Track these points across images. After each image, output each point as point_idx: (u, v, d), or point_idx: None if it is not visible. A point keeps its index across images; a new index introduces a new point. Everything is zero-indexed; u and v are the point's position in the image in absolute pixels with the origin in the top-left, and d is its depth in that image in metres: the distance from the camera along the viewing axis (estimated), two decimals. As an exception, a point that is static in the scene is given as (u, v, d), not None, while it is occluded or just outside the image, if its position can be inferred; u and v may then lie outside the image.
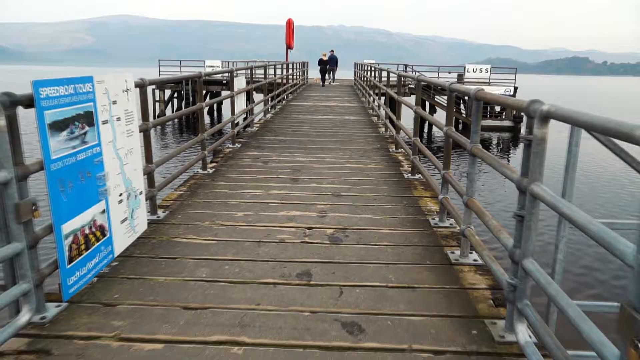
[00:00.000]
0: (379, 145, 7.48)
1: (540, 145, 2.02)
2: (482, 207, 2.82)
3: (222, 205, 4.30)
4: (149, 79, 3.78)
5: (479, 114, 2.95)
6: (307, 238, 3.54)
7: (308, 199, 4.51)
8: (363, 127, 9.67)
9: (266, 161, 6.13)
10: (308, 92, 19.20)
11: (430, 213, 4.17)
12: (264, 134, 8.34)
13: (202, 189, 4.82)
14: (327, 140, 7.81)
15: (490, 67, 28.25)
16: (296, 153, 6.69)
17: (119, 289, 2.74)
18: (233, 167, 5.76)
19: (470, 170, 3.01)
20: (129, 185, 3.34)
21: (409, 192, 4.84)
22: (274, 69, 12.24)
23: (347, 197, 4.59)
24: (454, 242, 3.50)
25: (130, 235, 3.37)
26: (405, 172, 5.61)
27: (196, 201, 4.41)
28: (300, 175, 5.40)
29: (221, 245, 3.38)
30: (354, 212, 4.17)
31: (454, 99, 3.71)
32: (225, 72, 6.61)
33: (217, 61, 31.17)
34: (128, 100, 3.34)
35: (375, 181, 5.22)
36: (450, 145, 3.73)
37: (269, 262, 3.12)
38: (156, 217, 3.94)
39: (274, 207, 4.26)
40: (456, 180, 3.49)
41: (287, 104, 14.06)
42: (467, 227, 3.08)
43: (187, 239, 3.50)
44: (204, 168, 5.51)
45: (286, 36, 23.85)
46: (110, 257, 3.07)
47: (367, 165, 6.04)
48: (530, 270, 2.07)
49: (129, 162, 3.33)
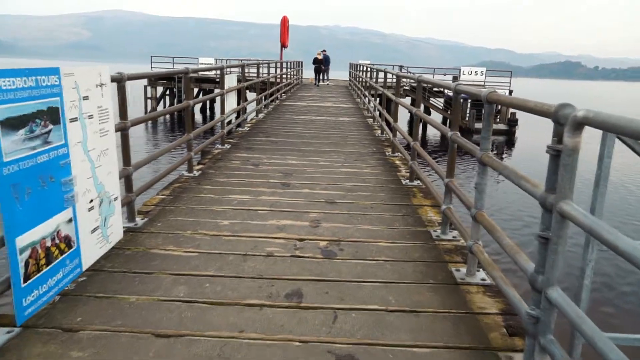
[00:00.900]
0: (375, 149, 7.18)
1: (572, 156, 1.72)
2: (493, 222, 2.53)
3: (206, 212, 3.98)
4: (129, 73, 3.45)
5: (491, 118, 2.66)
6: (298, 251, 3.23)
7: (300, 207, 4.19)
8: (358, 128, 9.37)
9: (256, 164, 5.81)
10: (302, 92, 18.88)
11: (432, 224, 3.87)
12: (256, 135, 8.02)
13: (187, 193, 4.49)
14: (321, 143, 7.50)
15: (485, 70, 28.10)
16: (288, 155, 6.37)
17: (84, 310, 2.41)
18: (221, 170, 5.44)
19: (480, 180, 2.72)
20: (101, 191, 3.01)
21: (408, 200, 4.54)
22: (267, 68, 11.91)
23: (342, 205, 4.28)
24: (459, 258, 3.20)
25: (103, 245, 3.04)
26: (403, 178, 5.32)
27: (179, 207, 4.09)
28: (292, 180, 5.09)
29: (203, 259, 3.06)
30: (349, 222, 3.87)
31: (460, 101, 3.41)
32: (215, 69, 6.28)
33: (210, 58, 30.87)
34: (102, 96, 3.01)
35: (371, 187, 4.92)
36: (455, 152, 3.44)
37: (256, 280, 2.80)
38: (134, 224, 3.61)
39: (263, 215, 3.95)
40: (462, 191, 3.19)
41: (281, 104, 13.73)
42: (475, 243, 2.78)
43: (165, 251, 3.18)
44: (189, 170, 5.19)
45: (281, 34, 23.52)
46: (78, 271, 2.74)
47: (363, 169, 5.74)
48: (558, 302, 1.77)
49: (102, 165, 3.00)
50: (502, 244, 2.31)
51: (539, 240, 1.90)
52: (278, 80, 14.63)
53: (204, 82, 26.33)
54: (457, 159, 3.78)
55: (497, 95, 2.50)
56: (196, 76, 26.54)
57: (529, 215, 9.86)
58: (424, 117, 4.59)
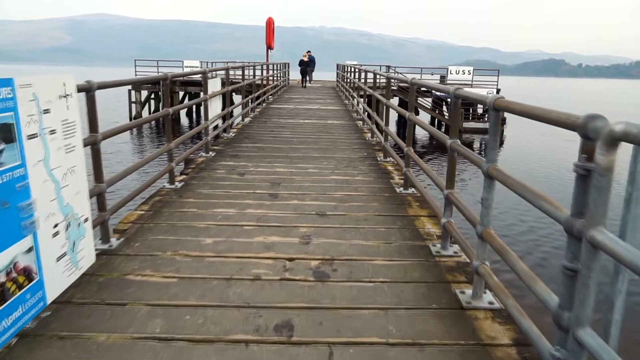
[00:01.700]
0: (366, 153, 6.93)
1: (605, 177, 1.48)
2: (504, 244, 2.28)
3: (188, 229, 3.69)
4: (99, 81, 3.15)
5: (497, 127, 2.41)
6: (287, 273, 2.96)
7: (289, 220, 3.92)
8: (347, 132, 9.12)
9: (242, 173, 5.52)
10: (289, 94, 18.60)
11: (430, 237, 3.62)
12: (241, 141, 7.72)
13: (168, 207, 4.20)
14: (310, 148, 7.23)
15: (472, 69, 28.09)
16: (276, 163, 6.10)
17: (44, 355, 2.12)
18: (205, 180, 5.14)
19: (487, 195, 2.47)
20: (68, 213, 2.72)
21: (403, 210, 4.29)
22: (253, 70, 11.62)
23: (334, 218, 4.02)
24: (463, 277, 2.95)
25: (71, 273, 2.74)
26: (397, 186, 5.07)
27: (159, 224, 3.79)
28: (280, 190, 4.81)
29: (183, 285, 2.78)
30: (341, 236, 3.60)
31: (460, 106, 3.17)
32: (197, 73, 5.98)
33: (195, 61, 30.50)
34: (68, 108, 2.72)
35: (364, 197, 4.66)
36: (455, 162, 3.19)
37: (241, 309, 2.53)
38: (108, 246, 3.31)
39: (249, 231, 3.67)
40: (465, 204, 2.94)
41: (267, 107, 13.44)
42: (482, 263, 2.54)
43: (142, 276, 2.88)
44: (171, 182, 4.88)
45: (266, 36, 23.21)
46: (41, 305, 2.44)
47: (354, 177, 5.48)
48: (591, 346, 1.53)
49: (69, 184, 2.70)
50: (516, 269, 2.06)
51: (566, 273, 1.65)
52: (264, 82, 14.33)
53: (189, 85, 25.89)
54: (439, 155, 3.55)
55: (506, 102, 2.26)
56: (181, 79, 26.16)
57: (544, 231, 8.80)
58: (419, 122, 4.34)
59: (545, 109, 1.89)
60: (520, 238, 8.78)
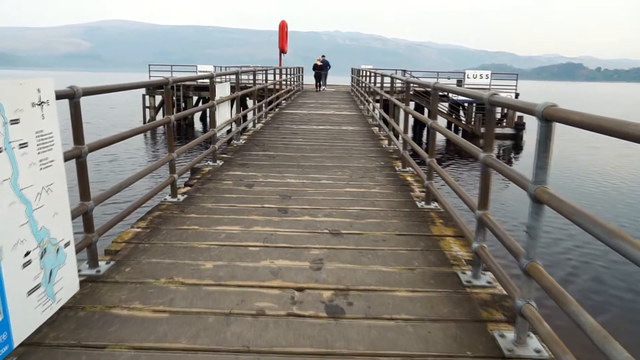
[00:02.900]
0: (383, 162, 6.52)
1: None
2: (557, 285, 1.86)
3: (187, 250, 3.32)
4: (84, 87, 2.80)
5: (549, 142, 2.00)
6: (295, 307, 2.57)
7: (299, 240, 3.53)
8: (363, 139, 8.71)
9: (251, 184, 5.14)
10: (303, 99, 18.25)
11: (458, 262, 3.20)
12: (251, 148, 7.36)
13: (167, 224, 3.84)
14: (323, 156, 6.84)
15: (490, 73, 27.44)
16: (287, 173, 5.71)
17: (-3, 418, 1.75)
18: (210, 193, 4.78)
19: (534, 223, 2.05)
20: (44, 238, 2.36)
21: (426, 228, 3.87)
22: (265, 75, 11.29)
23: (349, 238, 3.62)
24: (500, 314, 2.53)
25: (47, 308, 2.38)
26: (418, 200, 4.65)
27: (155, 244, 3.43)
28: (291, 204, 4.43)
29: (175, 322, 2.40)
30: (357, 260, 3.20)
31: (494, 115, 2.75)
32: (202, 77, 5.64)
33: (209, 66, 30.39)
34: (43, 118, 2.36)
35: (382, 213, 4.25)
36: (490, 178, 2.77)
37: (240, 355, 2.14)
38: (95, 271, 2.95)
39: (254, 253, 3.28)
40: (504, 229, 2.52)
41: (280, 112, 13.10)
42: (527, 303, 2.11)
43: (129, 310, 2.51)
44: (173, 195, 4.53)
45: (279, 39, 22.93)
46: (6, 349, 2.09)
47: (371, 189, 5.07)
48: None
49: (44, 205, 2.35)
50: (580, 322, 1.64)
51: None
52: (277, 87, 14.00)
53: (203, 90, 25.73)
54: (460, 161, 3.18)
55: (561, 112, 1.83)
56: (195, 84, 26.02)
57: (604, 266, 7.26)
58: (443, 131, 3.92)
59: (618, 121, 1.47)
60: (567, 269, 7.32)
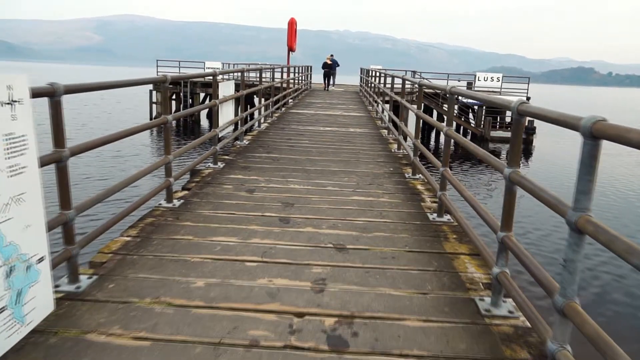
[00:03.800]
0: (392, 168, 6.22)
1: None
2: (605, 334, 1.56)
3: (178, 264, 3.04)
4: (67, 84, 2.53)
5: (594, 162, 1.70)
6: (294, 337, 2.28)
7: (300, 256, 3.24)
8: (371, 142, 8.41)
9: (252, 189, 4.86)
10: (310, 99, 17.96)
11: (475, 286, 2.90)
12: (255, 150, 7.08)
13: (159, 232, 3.56)
14: (329, 160, 6.55)
15: (502, 75, 27.04)
16: (291, 178, 5.43)
17: None
18: (208, 198, 4.50)
19: (574, 255, 1.75)
20: (12, 254, 2.09)
21: (439, 244, 3.57)
22: (272, 73, 11.00)
23: (355, 254, 3.32)
24: (525, 353, 2.23)
25: (13, 333, 2.11)
26: (430, 211, 4.35)
27: (144, 256, 3.15)
28: (293, 213, 4.14)
29: (156, 353, 2.12)
30: (364, 281, 2.91)
31: (522, 126, 2.45)
32: (204, 75, 5.36)
33: (217, 63, 30.25)
34: (14, 119, 2.10)
35: (391, 225, 3.95)
36: (514, 197, 2.47)
37: (227, 398, 1.86)
38: (75, 287, 2.68)
39: (251, 270, 3.00)
40: (533, 258, 2.22)
41: (287, 112, 12.82)
42: (561, 347, 1.82)
43: (106, 336, 2.24)
44: (168, 200, 4.26)
45: (288, 37, 22.62)
46: (-41, 384, 1.82)
47: (379, 198, 4.77)
48: None
49: (13, 217, 2.08)
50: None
51: None
52: (284, 85, 13.72)
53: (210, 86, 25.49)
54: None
55: (614, 129, 1.53)
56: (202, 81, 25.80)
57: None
58: (460, 140, 3.62)
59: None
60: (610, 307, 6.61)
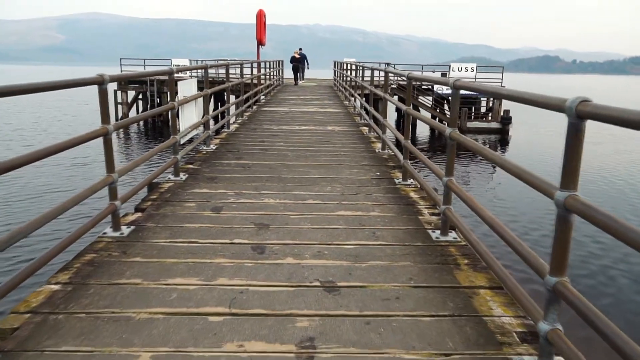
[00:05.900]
0: (379, 173, 5.53)
1: None
2: None
3: (118, 327, 2.28)
4: None
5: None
6: None
7: (280, 302, 2.52)
8: (352, 141, 7.71)
9: (219, 207, 4.11)
10: (283, 95, 17.17)
11: (509, 339, 2.22)
12: (223, 156, 6.30)
13: (98, 276, 2.79)
14: (308, 165, 5.83)
15: (476, 65, 26.77)
16: (264, 190, 4.69)
17: None
18: (165, 222, 3.73)
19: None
20: None
21: (450, 274, 2.89)
22: (241, 69, 10.21)
23: (349, 295, 2.62)
24: None
25: None
26: (431, 227, 3.67)
27: (74, 314, 2.38)
28: (269, 238, 3.41)
29: None
30: (366, 339, 2.20)
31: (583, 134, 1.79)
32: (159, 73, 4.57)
33: (184, 60, 29.48)
34: None
35: (388, 250, 3.26)
36: (570, 228, 1.80)
37: None
38: (-36, 377, 1.91)
39: (215, 328, 2.26)
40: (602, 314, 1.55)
41: (259, 110, 12.02)
42: None
43: None
44: (115, 227, 3.47)
45: (257, 31, 21.73)
46: None
47: (369, 211, 4.08)
48: None
49: None
50: None
51: None
52: (255, 82, 12.90)
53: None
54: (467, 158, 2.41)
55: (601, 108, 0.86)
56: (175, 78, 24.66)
57: None
58: (474, 147, 2.95)
59: None
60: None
